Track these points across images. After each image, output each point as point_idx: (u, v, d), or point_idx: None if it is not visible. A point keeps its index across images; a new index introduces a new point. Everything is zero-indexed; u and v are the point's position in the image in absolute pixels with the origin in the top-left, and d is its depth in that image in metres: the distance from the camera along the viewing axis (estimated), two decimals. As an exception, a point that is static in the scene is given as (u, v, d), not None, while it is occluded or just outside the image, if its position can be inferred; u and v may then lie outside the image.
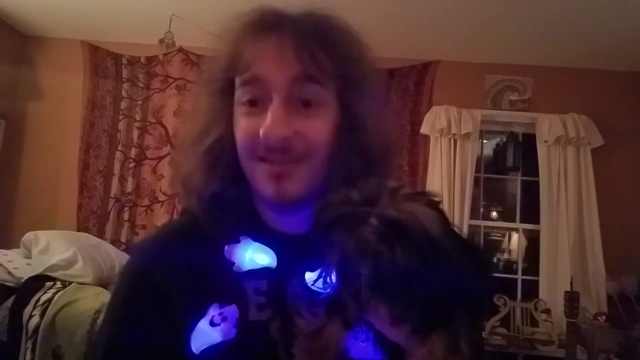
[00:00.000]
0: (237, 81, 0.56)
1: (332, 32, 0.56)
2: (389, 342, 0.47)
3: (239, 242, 0.57)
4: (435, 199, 0.48)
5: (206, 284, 0.55)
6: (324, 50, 0.54)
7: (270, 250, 0.57)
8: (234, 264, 0.56)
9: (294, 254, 0.55)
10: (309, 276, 0.54)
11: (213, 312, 0.51)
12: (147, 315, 0.55)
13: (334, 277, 0.49)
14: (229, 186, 0.58)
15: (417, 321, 0.44)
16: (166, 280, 0.55)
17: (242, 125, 0.55)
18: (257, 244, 0.57)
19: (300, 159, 0.54)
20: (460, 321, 0.44)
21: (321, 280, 0.51)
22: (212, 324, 0.50)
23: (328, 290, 0.50)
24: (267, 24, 0.55)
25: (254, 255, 0.56)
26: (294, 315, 0.53)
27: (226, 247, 0.56)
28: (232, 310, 0.51)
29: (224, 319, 0.50)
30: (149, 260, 0.59)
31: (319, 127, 0.55)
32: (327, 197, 0.48)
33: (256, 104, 0.55)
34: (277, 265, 0.56)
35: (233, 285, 0.55)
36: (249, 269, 0.55)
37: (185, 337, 0.51)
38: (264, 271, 0.56)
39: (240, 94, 0.56)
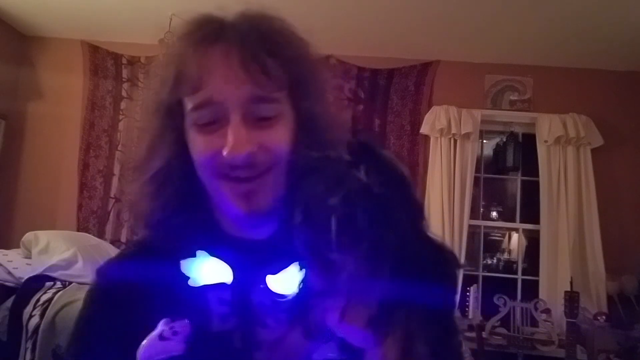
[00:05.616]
0: (188, 103, 0.55)
1: (276, 35, 0.56)
2: (350, 346, 0.46)
3: (194, 255, 0.56)
4: None
5: (169, 299, 0.55)
6: (273, 57, 0.53)
7: (226, 264, 0.56)
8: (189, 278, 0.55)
9: (256, 259, 0.55)
10: (272, 278, 0.54)
11: (163, 326, 0.50)
12: (112, 334, 0.55)
13: (297, 278, 0.50)
14: (179, 208, 0.57)
15: (376, 317, 0.43)
16: (130, 299, 0.56)
17: (200, 144, 0.55)
18: (212, 259, 0.56)
19: (266, 170, 0.54)
20: (416, 324, 0.43)
21: (285, 281, 0.51)
22: (162, 338, 0.49)
23: (290, 295, 0.50)
24: (210, 35, 0.54)
25: (210, 271, 0.55)
26: (257, 324, 0.53)
27: (181, 262, 0.55)
28: (183, 324, 0.50)
29: (174, 333, 0.49)
30: (113, 281, 0.60)
31: (279, 136, 0.55)
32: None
33: (213, 123, 0.54)
34: (239, 272, 0.56)
35: (195, 297, 0.55)
36: (205, 284, 0.55)
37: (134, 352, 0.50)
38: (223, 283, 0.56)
39: (195, 117, 0.54)
